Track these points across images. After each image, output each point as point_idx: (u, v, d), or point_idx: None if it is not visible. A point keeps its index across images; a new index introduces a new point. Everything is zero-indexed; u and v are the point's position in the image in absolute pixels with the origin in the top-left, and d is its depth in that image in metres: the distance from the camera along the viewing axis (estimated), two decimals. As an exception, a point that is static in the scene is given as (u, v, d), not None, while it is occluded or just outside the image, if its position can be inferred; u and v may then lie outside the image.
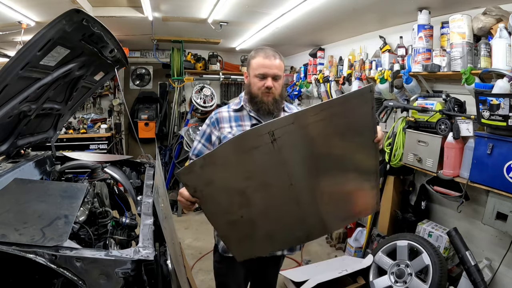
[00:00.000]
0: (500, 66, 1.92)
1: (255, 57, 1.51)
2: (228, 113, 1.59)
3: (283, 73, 1.53)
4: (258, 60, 1.48)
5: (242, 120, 1.56)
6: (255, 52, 1.53)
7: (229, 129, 1.54)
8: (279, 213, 1.32)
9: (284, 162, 1.18)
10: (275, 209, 1.31)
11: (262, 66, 1.47)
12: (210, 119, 1.60)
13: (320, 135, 1.19)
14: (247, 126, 1.54)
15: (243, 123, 1.56)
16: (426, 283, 2.18)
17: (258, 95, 1.50)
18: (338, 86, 3.59)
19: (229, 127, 1.55)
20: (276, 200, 1.28)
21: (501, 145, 1.89)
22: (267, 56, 1.47)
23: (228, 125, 1.55)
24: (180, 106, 5.19)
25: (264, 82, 1.47)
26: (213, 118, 1.58)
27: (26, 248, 1.09)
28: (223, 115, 1.58)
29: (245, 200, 1.24)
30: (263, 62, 1.47)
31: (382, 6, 2.49)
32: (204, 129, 1.61)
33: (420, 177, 2.82)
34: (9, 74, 1.31)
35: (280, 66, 1.49)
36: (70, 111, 2.36)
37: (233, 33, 3.92)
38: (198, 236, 3.67)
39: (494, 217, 1.97)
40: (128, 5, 3.08)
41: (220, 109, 1.62)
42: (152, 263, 1.14)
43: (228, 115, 1.58)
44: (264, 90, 1.48)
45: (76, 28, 1.37)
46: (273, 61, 1.47)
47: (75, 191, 1.67)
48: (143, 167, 2.52)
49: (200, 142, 1.62)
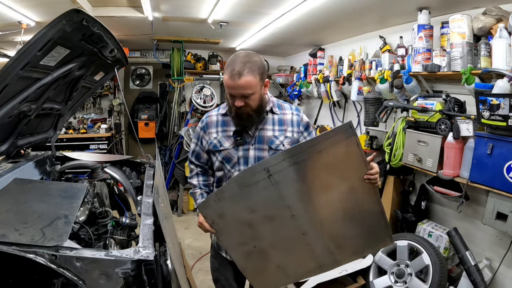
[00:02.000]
0: (500, 66, 1.92)
1: (225, 73, 1.38)
2: (216, 117, 1.57)
3: (256, 88, 1.37)
4: (225, 78, 1.37)
5: (227, 125, 1.53)
6: (226, 64, 1.40)
7: (215, 134, 1.54)
8: (287, 244, 1.40)
9: (282, 195, 1.27)
10: (283, 240, 1.39)
11: (227, 86, 1.38)
12: (202, 123, 1.60)
13: (312, 171, 1.26)
14: (231, 132, 1.50)
15: (228, 128, 1.52)
16: (426, 283, 2.18)
17: (232, 111, 1.46)
18: (338, 86, 3.59)
19: (215, 132, 1.54)
20: (281, 231, 1.36)
21: (501, 145, 1.89)
22: (231, 76, 1.33)
23: (214, 130, 1.54)
24: (180, 106, 5.19)
25: (234, 101, 1.39)
26: (204, 122, 1.59)
27: (26, 248, 1.09)
28: (212, 119, 1.57)
29: (254, 232, 1.36)
30: (227, 82, 1.36)
31: (382, 6, 2.49)
32: (198, 132, 1.62)
33: (420, 177, 2.82)
34: (9, 74, 1.31)
35: (246, 85, 1.33)
36: (70, 111, 2.36)
37: (233, 33, 3.92)
38: (198, 236, 3.67)
39: (494, 217, 1.97)
40: (128, 5, 3.08)
41: (211, 113, 1.61)
42: (152, 263, 1.14)
43: (216, 120, 1.56)
44: (236, 107, 1.40)
45: (76, 28, 1.37)
46: (237, 81, 1.32)
47: (75, 191, 1.67)
48: (143, 167, 2.52)
49: (197, 145, 1.63)
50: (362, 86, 3.14)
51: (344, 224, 1.37)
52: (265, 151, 1.48)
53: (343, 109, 3.90)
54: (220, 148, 1.51)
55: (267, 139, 1.49)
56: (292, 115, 1.55)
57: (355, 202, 1.32)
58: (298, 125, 1.54)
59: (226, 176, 1.54)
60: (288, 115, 1.54)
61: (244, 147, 1.48)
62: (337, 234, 1.38)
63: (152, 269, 1.14)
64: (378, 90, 2.88)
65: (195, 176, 1.65)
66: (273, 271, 1.45)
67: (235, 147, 1.49)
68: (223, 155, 1.51)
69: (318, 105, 4.31)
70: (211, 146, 1.54)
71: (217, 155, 1.53)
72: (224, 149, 1.51)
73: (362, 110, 3.46)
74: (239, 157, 1.49)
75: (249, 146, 1.48)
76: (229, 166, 1.51)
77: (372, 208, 1.33)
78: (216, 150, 1.52)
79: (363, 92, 3.12)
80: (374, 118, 2.96)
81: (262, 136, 1.49)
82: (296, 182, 1.26)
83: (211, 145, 1.54)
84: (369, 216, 1.35)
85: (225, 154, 1.51)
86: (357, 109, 3.62)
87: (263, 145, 1.48)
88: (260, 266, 1.45)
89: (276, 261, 1.43)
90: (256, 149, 1.48)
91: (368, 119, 3.04)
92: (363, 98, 3.10)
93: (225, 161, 1.52)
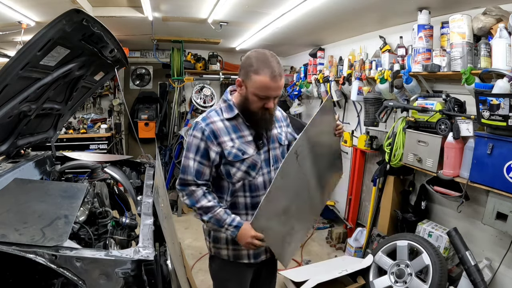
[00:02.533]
0: (500, 66, 1.92)
1: (259, 73, 1.28)
2: (222, 122, 1.39)
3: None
4: (263, 79, 1.28)
5: (240, 130, 1.42)
6: (257, 63, 1.30)
7: (230, 142, 1.38)
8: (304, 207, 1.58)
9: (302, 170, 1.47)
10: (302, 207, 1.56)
11: (267, 88, 1.30)
12: (202, 132, 1.37)
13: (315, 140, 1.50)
14: (248, 137, 1.42)
15: (242, 133, 1.42)
16: (426, 283, 2.18)
17: (258, 114, 1.38)
18: (338, 86, 3.60)
19: (230, 140, 1.38)
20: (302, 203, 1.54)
21: (501, 145, 1.89)
22: (273, 77, 1.28)
23: (228, 138, 1.38)
24: (180, 106, 5.19)
25: (265, 103, 1.34)
26: (207, 131, 1.36)
27: (26, 248, 1.09)
28: (218, 126, 1.38)
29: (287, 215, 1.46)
30: (269, 84, 1.28)
31: (382, 6, 2.49)
32: (197, 144, 1.37)
33: (420, 177, 2.82)
34: (9, 74, 1.31)
35: (282, 86, 1.34)
36: (70, 111, 2.36)
37: (233, 33, 3.92)
38: (198, 236, 3.67)
39: (494, 217, 1.97)
40: (128, 5, 3.08)
41: (212, 119, 1.40)
42: (152, 263, 1.14)
43: (224, 126, 1.39)
44: (264, 110, 1.37)
45: (76, 28, 1.37)
46: (279, 83, 1.30)
47: (75, 191, 1.67)
48: (143, 167, 2.52)
49: (195, 161, 1.38)
50: (362, 86, 3.14)
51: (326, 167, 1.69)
52: (277, 149, 1.52)
53: (343, 109, 3.90)
54: (244, 157, 1.39)
55: (276, 137, 1.53)
56: (278, 111, 1.63)
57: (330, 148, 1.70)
58: (285, 119, 1.67)
59: (246, 185, 1.43)
60: (277, 112, 1.62)
61: (264, 149, 1.47)
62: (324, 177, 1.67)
63: (152, 269, 1.14)
64: (378, 90, 2.88)
65: (204, 197, 1.38)
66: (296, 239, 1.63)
67: (258, 151, 1.43)
68: (249, 163, 1.40)
69: (318, 105, 4.31)
70: (230, 157, 1.37)
71: (238, 165, 1.39)
72: (248, 156, 1.40)
73: (362, 110, 3.46)
74: (261, 161, 1.45)
75: (268, 147, 1.48)
76: (254, 172, 1.43)
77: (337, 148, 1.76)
78: (239, 159, 1.38)
79: (363, 92, 3.12)
80: (374, 118, 2.96)
81: (272, 135, 1.51)
82: (309, 154, 1.47)
83: (230, 155, 1.37)
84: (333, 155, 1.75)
85: (250, 161, 1.41)
86: (357, 109, 3.62)
87: (275, 143, 1.52)
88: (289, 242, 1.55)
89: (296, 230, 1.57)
90: (272, 149, 1.50)
91: (368, 119, 3.04)
92: (363, 98, 3.10)
93: (250, 169, 1.42)
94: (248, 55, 1.36)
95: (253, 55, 1.34)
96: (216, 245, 1.53)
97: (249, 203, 1.45)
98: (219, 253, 1.54)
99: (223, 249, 1.52)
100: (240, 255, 1.52)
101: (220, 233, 1.48)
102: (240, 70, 1.37)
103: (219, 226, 1.39)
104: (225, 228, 1.38)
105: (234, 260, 1.53)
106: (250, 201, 1.46)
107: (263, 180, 1.46)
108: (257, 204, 1.35)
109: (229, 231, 1.37)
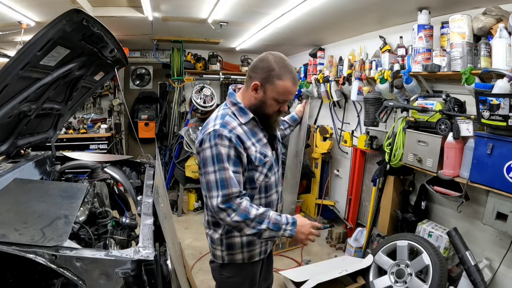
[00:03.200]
0: (500, 66, 1.92)
1: (282, 78, 1.29)
2: (241, 127, 1.35)
3: None
4: (287, 84, 1.30)
5: (256, 133, 1.41)
6: (279, 68, 1.30)
7: (253, 147, 1.36)
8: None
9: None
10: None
11: (289, 93, 1.33)
12: (230, 139, 1.28)
13: None
14: (264, 139, 1.43)
15: (259, 136, 1.42)
16: (426, 283, 2.18)
17: (273, 116, 1.40)
18: (338, 86, 3.60)
19: (251, 145, 1.35)
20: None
21: (501, 145, 1.89)
22: (295, 82, 1.33)
23: (250, 143, 1.35)
24: (180, 106, 5.19)
25: (281, 106, 1.37)
26: (234, 137, 1.29)
27: (26, 248, 1.09)
28: (239, 131, 1.33)
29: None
30: (291, 89, 1.32)
31: (382, 6, 2.49)
32: (227, 153, 1.27)
33: (420, 177, 2.82)
34: (9, 74, 1.31)
35: None
36: (70, 111, 2.36)
37: (233, 33, 3.92)
38: (198, 236, 3.67)
39: (494, 217, 1.97)
40: (128, 5, 3.08)
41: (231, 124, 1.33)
42: (152, 263, 1.14)
43: (243, 131, 1.35)
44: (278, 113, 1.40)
45: (76, 28, 1.37)
46: (297, 87, 1.37)
47: (75, 191, 1.67)
48: (143, 167, 2.52)
49: (234, 171, 1.28)
50: (362, 86, 3.14)
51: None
52: (279, 146, 1.60)
53: (343, 109, 3.90)
54: (266, 160, 1.39)
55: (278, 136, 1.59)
56: None
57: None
58: None
59: (263, 187, 1.43)
60: None
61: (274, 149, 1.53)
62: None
63: (152, 269, 1.14)
64: (378, 90, 2.88)
65: (252, 207, 1.27)
66: None
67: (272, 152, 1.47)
68: (269, 165, 1.42)
69: (318, 105, 4.31)
70: (256, 162, 1.35)
71: (261, 169, 1.38)
72: (269, 159, 1.41)
73: (362, 110, 3.46)
74: (273, 161, 1.47)
75: (277, 146, 1.56)
76: (271, 173, 1.45)
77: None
78: (262, 163, 1.38)
79: (363, 92, 3.12)
80: (374, 118, 2.96)
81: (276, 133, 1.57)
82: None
83: (256, 160, 1.35)
84: None
85: (269, 164, 1.42)
86: (357, 109, 3.62)
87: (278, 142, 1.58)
88: None
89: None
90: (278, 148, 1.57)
91: (368, 119, 3.04)
92: (363, 98, 3.10)
93: (269, 171, 1.43)
94: (264, 59, 1.33)
95: (271, 59, 1.31)
96: (231, 252, 1.48)
97: (264, 203, 1.45)
98: (233, 259, 1.49)
99: (237, 254, 1.48)
100: (253, 254, 1.52)
101: (234, 239, 1.45)
102: (256, 74, 1.33)
103: (277, 230, 1.27)
104: (283, 230, 1.28)
105: (248, 262, 1.51)
106: (264, 202, 1.45)
107: (275, 179, 1.50)
108: (270, 204, 1.40)
109: (288, 231, 1.28)
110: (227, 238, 1.46)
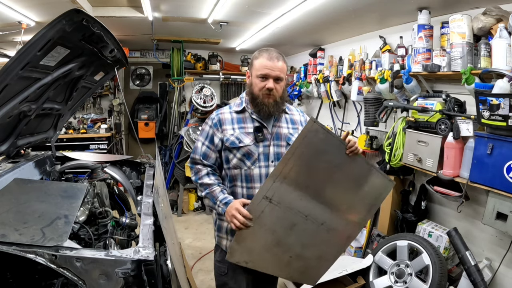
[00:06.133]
0: (500, 66, 1.92)
1: (258, 57, 1.52)
2: (230, 114, 1.58)
3: (285, 75, 1.55)
4: (261, 60, 1.49)
5: (244, 122, 1.56)
6: (258, 52, 1.54)
7: (231, 131, 1.54)
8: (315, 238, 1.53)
9: (289, 207, 1.41)
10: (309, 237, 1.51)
11: (265, 67, 1.48)
12: (212, 120, 1.58)
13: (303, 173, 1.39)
14: (249, 129, 1.55)
15: (245, 125, 1.56)
16: (426, 283, 2.18)
17: (259, 96, 1.51)
18: (338, 86, 3.59)
19: (231, 129, 1.54)
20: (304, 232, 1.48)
21: (501, 145, 1.89)
22: (270, 58, 1.49)
23: (230, 127, 1.55)
24: (180, 106, 5.19)
25: (266, 83, 1.48)
26: (215, 119, 1.57)
27: (26, 248, 1.09)
28: (225, 116, 1.57)
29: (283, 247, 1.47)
30: (265, 63, 1.48)
31: (382, 6, 2.48)
32: (207, 130, 1.59)
33: (420, 177, 2.82)
34: (9, 74, 1.31)
35: (282, 68, 1.51)
36: (70, 111, 2.36)
37: (233, 33, 3.92)
38: (198, 236, 3.67)
39: (494, 217, 1.97)
40: (128, 5, 3.08)
41: (222, 110, 1.61)
42: (152, 263, 1.14)
43: (231, 117, 1.57)
44: (265, 91, 1.49)
45: (76, 28, 1.37)
46: (276, 63, 1.48)
47: (75, 191, 1.67)
48: (143, 167, 2.52)
49: (204, 144, 1.59)
50: (362, 86, 3.14)
51: (350, 194, 1.54)
52: (283, 147, 1.58)
53: (343, 109, 3.90)
54: (240, 145, 1.52)
55: (284, 136, 1.59)
56: (300, 116, 1.71)
57: (349, 172, 1.49)
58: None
59: (242, 174, 1.54)
60: (297, 116, 1.69)
61: (264, 143, 1.55)
62: (349, 205, 1.55)
63: (152, 269, 1.14)
64: (378, 90, 2.88)
65: (207, 176, 1.56)
66: (316, 264, 1.61)
67: (256, 143, 1.53)
68: (243, 151, 1.52)
69: (318, 105, 4.31)
70: (227, 143, 1.53)
71: (235, 152, 1.53)
72: (244, 145, 1.52)
73: (362, 110, 3.46)
74: (259, 153, 1.54)
75: (269, 142, 1.56)
76: (250, 162, 1.53)
77: (363, 168, 1.53)
78: (235, 147, 1.53)
79: (363, 92, 3.12)
80: (374, 118, 2.96)
81: (279, 133, 1.59)
82: (294, 190, 1.40)
83: (227, 142, 1.53)
84: (365, 175, 1.54)
85: (245, 150, 1.52)
86: (357, 109, 3.62)
87: (280, 141, 1.58)
88: (302, 266, 1.57)
89: (314, 255, 1.57)
90: (275, 146, 1.57)
91: (368, 119, 3.04)
92: (363, 98, 3.10)
93: (245, 158, 1.53)
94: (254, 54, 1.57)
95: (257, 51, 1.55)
96: (219, 234, 1.62)
97: (245, 194, 1.54)
98: (220, 243, 1.63)
99: (223, 239, 1.61)
100: None
101: (222, 222, 1.59)
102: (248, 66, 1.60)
103: (213, 203, 1.52)
104: (217, 205, 1.49)
105: None
106: (246, 192, 1.54)
107: (259, 172, 1.54)
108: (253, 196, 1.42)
109: (220, 208, 1.48)
110: (219, 219, 1.61)
